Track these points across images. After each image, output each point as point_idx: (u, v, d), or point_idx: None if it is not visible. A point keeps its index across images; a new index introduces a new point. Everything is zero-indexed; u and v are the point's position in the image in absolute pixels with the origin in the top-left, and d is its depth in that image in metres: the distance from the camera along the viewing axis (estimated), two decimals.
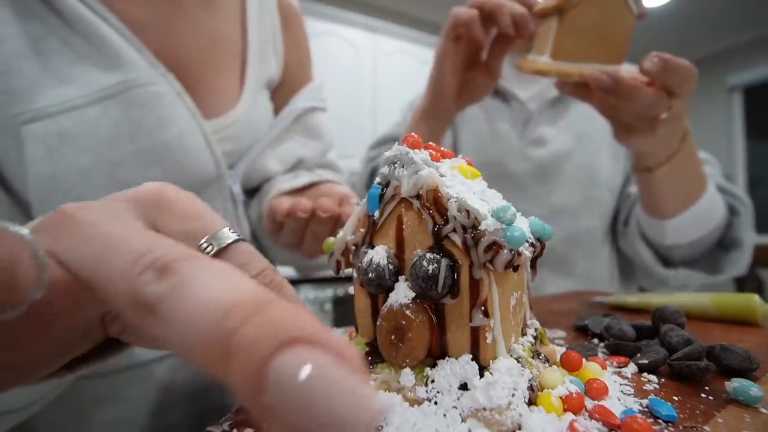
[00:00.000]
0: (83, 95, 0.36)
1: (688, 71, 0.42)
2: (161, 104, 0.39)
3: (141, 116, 0.38)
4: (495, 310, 0.21)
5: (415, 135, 0.23)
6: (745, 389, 0.21)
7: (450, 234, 0.21)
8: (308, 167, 0.55)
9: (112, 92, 0.37)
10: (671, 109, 0.45)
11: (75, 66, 0.36)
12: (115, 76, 0.37)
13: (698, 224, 0.57)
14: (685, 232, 0.57)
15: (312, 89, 0.58)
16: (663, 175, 0.53)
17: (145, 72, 0.39)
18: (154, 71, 0.40)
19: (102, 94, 0.36)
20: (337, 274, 0.26)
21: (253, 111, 0.49)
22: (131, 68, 0.38)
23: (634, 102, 0.44)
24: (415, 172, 0.22)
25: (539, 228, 0.23)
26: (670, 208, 0.56)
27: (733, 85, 3.50)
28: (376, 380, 0.22)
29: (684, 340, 0.27)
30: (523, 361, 0.22)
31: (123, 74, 0.38)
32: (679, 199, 0.55)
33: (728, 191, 0.61)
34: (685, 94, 0.44)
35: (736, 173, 3.52)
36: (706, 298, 0.39)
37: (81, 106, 0.35)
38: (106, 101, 0.37)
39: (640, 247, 0.66)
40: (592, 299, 0.50)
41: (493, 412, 0.19)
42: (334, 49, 2.59)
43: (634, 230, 0.68)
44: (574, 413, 0.20)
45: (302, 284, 1.98)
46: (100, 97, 0.36)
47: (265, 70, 0.52)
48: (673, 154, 0.51)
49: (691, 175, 0.54)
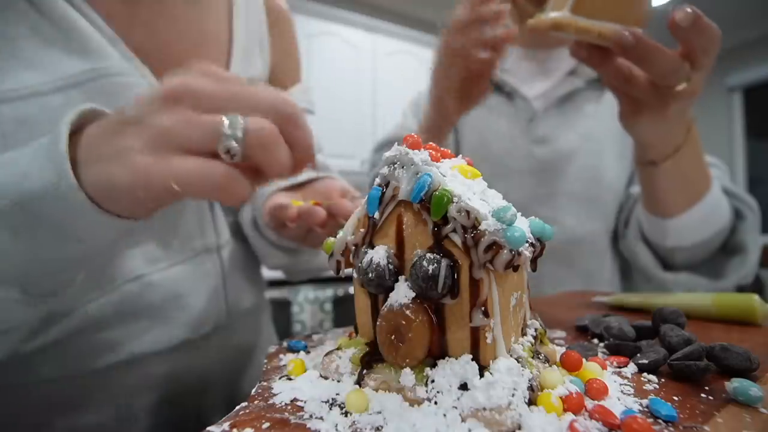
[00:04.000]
0: (47, 82, 0.35)
1: (714, 35, 0.41)
2: (132, 96, 0.38)
3: (108, 106, 0.37)
4: (495, 310, 0.21)
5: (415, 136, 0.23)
6: (745, 389, 0.21)
7: (450, 234, 0.21)
8: None
9: (78, 80, 0.36)
10: (689, 81, 0.43)
11: (42, 52, 0.35)
12: (83, 65, 0.36)
13: (701, 225, 0.55)
14: (687, 233, 0.56)
15: (299, 91, 0.57)
16: (667, 169, 0.51)
17: (116, 63, 0.38)
18: (127, 63, 0.38)
19: (68, 82, 0.35)
20: (337, 274, 0.26)
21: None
22: (101, 57, 0.37)
23: (654, 66, 0.42)
24: (415, 174, 0.22)
25: (539, 228, 0.23)
26: (673, 205, 0.54)
27: (733, 85, 3.50)
28: (376, 380, 0.22)
29: (684, 340, 0.27)
30: (523, 361, 0.22)
31: (91, 63, 0.36)
32: (682, 196, 0.54)
33: (735, 194, 0.59)
34: (706, 64, 0.42)
35: (737, 173, 3.52)
36: (707, 298, 0.39)
37: (44, 93, 0.34)
38: (71, 89, 0.35)
39: (639, 248, 0.64)
40: (592, 299, 0.50)
41: (493, 412, 0.19)
42: (334, 49, 2.59)
43: (633, 231, 0.66)
44: (574, 413, 0.20)
45: (302, 284, 1.98)
46: (65, 85, 0.35)
47: (251, 70, 0.51)
48: (678, 147, 0.50)
49: (696, 171, 0.53)
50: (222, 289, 0.48)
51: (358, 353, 0.24)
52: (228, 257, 0.50)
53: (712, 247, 0.58)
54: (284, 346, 0.32)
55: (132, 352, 0.41)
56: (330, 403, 0.22)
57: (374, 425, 0.20)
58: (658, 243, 0.60)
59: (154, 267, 0.42)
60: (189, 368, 0.45)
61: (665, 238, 0.57)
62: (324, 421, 0.20)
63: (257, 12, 0.54)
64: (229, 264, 0.49)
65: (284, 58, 0.58)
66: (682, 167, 0.51)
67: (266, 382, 0.25)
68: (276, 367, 0.28)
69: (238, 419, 0.20)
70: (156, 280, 0.42)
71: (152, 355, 0.42)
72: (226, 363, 0.50)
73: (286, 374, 0.26)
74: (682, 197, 0.54)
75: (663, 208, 0.56)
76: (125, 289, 0.40)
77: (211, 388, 0.48)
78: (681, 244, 0.57)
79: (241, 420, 0.20)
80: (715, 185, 0.55)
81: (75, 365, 0.39)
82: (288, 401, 0.22)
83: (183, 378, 0.45)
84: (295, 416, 0.21)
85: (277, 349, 0.32)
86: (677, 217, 0.54)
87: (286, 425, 0.20)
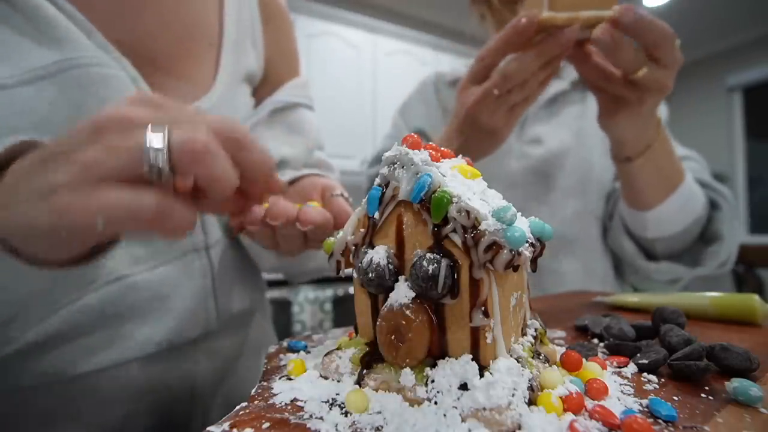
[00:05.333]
0: (14, 74, 0.33)
1: (661, 30, 0.43)
2: (107, 87, 0.36)
3: (82, 98, 0.35)
4: (495, 310, 0.21)
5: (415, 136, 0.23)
6: (745, 389, 0.21)
7: (450, 234, 0.21)
8: (294, 167, 0.51)
9: (48, 71, 0.34)
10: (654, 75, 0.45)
11: (10, 44, 0.33)
12: (54, 55, 0.34)
13: (678, 215, 0.59)
14: (666, 223, 0.59)
15: (295, 85, 0.55)
16: (642, 164, 0.55)
17: (90, 53, 0.36)
18: (104, 54, 0.37)
19: (37, 74, 0.34)
20: (337, 274, 0.26)
21: (228, 103, 0.46)
22: (73, 47, 0.35)
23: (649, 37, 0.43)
24: (415, 174, 0.22)
25: (539, 228, 0.23)
26: (650, 198, 0.58)
27: (733, 85, 3.50)
28: (376, 380, 0.22)
29: (684, 340, 0.27)
30: (523, 361, 0.22)
31: (62, 53, 0.35)
32: (658, 189, 0.57)
33: (709, 185, 0.63)
34: (666, 59, 0.44)
35: (736, 173, 3.52)
36: (706, 298, 0.39)
37: (11, 86, 0.33)
38: (41, 81, 0.34)
39: (623, 240, 0.68)
40: (592, 299, 0.50)
41: (493, 412, 0.19)
42: (334, 49, 2.59)
43: (618, 224, 0.69)
44: (574, 413, 0.20)
45: (302, 284, 1.98)
46: (34, 77, 0.34)
47: (243, 62, 0.50)
48: (650, 143, 0.53)
49: (669, 165, 0.57)
50: (211, 291, 0.45)
51: (358, 353, 0.24)
52: (218, 257, 0.47)
53: (690, 237, 0.62)
54: (284, 346, 0.32)
55: (115, 358, 0.38)
56: (330, 403, 0.22)
57: (374, 425, 0.20)
58: (640, 234, 0.64)
59: (137, 267, 0.39)
60: (177, 374, 0.43)
61: (645, 230, 0.61)
62: (324, 421, 0.20)
63: (250, 5, 0.52)
64: (219, 264, 0.47)
65: (280, 52, 0.56)
66: (655, 161, 0.55)
67: (266, 382, 0.25)
68: (276, 367, 0.28)
69: (238, 419, 0.20)
70: (140, 282, 0.39)
71: (137, 360, 0.39)
72: (217, 368, 0.47)
73: (286, 374, 0.26)
74: (658, 189, 0.57)
75: (641, 200, 0.59)
76: (106, 291, 0.37)
77: (200, 394, 0.45)
78: (661, 235, 0.61)
79: (241, 420, 0.20)
80: (687, 177, 0.58)
81: (54, 372, 0.36)
82: (288, 401, 0.22)
83: (171, 384, 0.42)
84: (295, 416, 0.21)
85: (277, 349, 0.32)
86: (655, 208, 0.58)
87: (286, 425, 0.20)
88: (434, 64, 2.85)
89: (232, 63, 0.48)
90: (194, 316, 0.44)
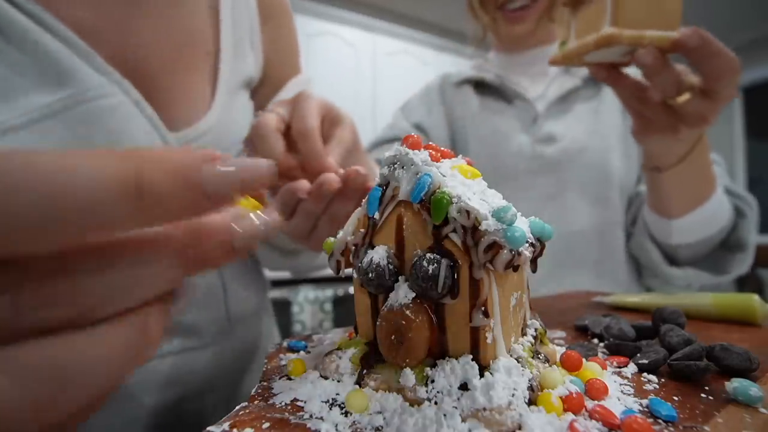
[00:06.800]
0: (19, 116, 0.32)
1: (729, 63, 0.39)
2: (114, 118, 0.36)
3: (91, 134, 0.34)
4: (495, 310, 0.21)
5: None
6: (745, 389, 0.21)
7: (450, 234, 0.21)
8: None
9: (54, 110, 0.33)
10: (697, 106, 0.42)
11: (10, 83, 0.32)
12: (59, 92, 0.33)
13: (704, 225, 0.57)
14: (691, 232, 0.58)
15: (298, 82, 0.54)
16: (672, 176, 0.52)
17: (95, 83, 0.35)
18: (105, 80, 0.36)
19: (43, 113, 0.33)
20: (337, 274, 0.26)
21: (228, 117, 0.46)
22: (77, 81, 0.34)
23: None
24: (415, 174, 0.22)
25: (539, 228, 0.23)
26: (678, 208, 0.56)
27: None
28: (376, 380, 0.22)
29: (684, 340, 0.27)
30: (523, 361, 0.22)
31: (67, 89, 0.34)
32: (686, 200, 0.55)
33: (736, 193, 0.61)
34: (720, 92, 0.41)
35: (737, 173, 3.52)
36: (707, 298, 0.39)
37: (17, 128, 0.32)
38: (48, 120, 0.33)
39: (648, 245, 0.66)
40: (592, 299, 0.50)
41: (493, 412, 0.19)
42: (334, 49, 2.59)
43: (641, 229, 0.67)
44: (574, 413, 0.20)
45: (302, 284, 1.98)
46: (40, 117, 0.33)
47: (242, 69, 0.49)
48: (684, 157, 0.51)
49: (701, 177, 0.54)
50: (222, 295, 0.46)
51: (358, 353, 0.24)
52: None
53: (713, 244, 0.60)
54: (284, 346, 0.32)
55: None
56: (330, 403, 0.22)
57: (374, 425, 0.20)
58: (663, 241, 0.62)
59: None
60: (188, 373, 0.44)
61: (670, 237, 0.59)
62: (324, 421, 0.20)
63: (248, 5, 0.51)
64: (229, 268, 0.47)
65: (280, 49, 0.55)
66: (687, 173, 0.52)
67: (266, 382, 0.25)
68: (276, 367, 0.28)
69: (238, 419, 0.20)
70: None
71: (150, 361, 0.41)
72: (228, 366, 0.49)
73: (286, 374, 0.26)
74: (687, 201, 0.55)
75: (667, 209, 0.57)
76: None
77: (211, 391, 0.47)
78: (684, 242, 0.59)
79: (241, 420, 0.20)
80: (719, 189, 0.56)
81: None
82: (288, 401, 0.22)
83: (183, 382, 0.44)
84: (295, 416, 0.21)
85: (277, 349, 0.32)
86: (681, 218, 0.56)
87: (286, 425, 0.20)
88: (435, 64, 2.85)
89: (231, 72, 0.47)
90: (206, 320, 0.45)
